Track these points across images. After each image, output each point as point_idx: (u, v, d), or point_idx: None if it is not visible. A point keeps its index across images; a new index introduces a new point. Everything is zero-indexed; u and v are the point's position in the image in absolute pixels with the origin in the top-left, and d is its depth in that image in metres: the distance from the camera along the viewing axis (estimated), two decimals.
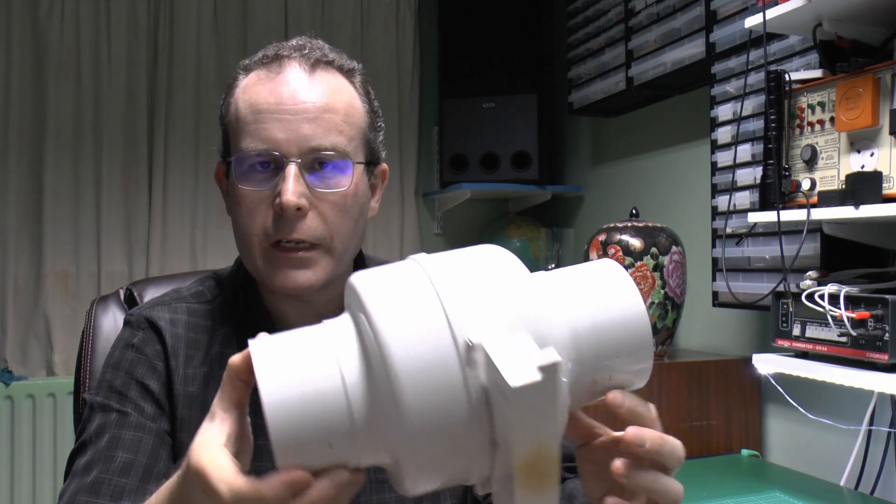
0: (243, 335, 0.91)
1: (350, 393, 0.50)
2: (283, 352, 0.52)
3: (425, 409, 0.48)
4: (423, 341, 0.48)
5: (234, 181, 0.86)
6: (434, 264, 0.54)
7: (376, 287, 0.52)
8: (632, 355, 0.56)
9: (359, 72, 0.92)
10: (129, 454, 0.82)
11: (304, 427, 0.50)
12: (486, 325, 0.49)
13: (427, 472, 0.50)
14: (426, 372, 0.48)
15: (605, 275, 0.58)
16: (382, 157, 0.95)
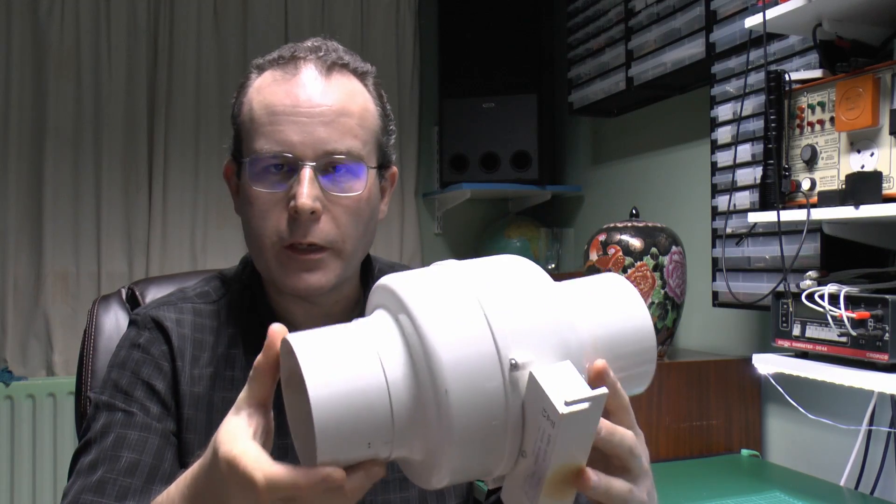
0: (249, 335, 0.91)
1: (392, 391, 0.52)
2: (327, 347, 0.53)
3: (468, 415, 0.50)
4: (468, 349, 0.51)
5: (247, 182, 0.86)
6: (468, 272, 0.57)
7: (417, 290, 0.55)
8: (639, 361, 0.63)
9: (372, 74, 0.92)
10: (134, 454, 0.82)
11: (347, 423, 0.51)
12: (526, 339, 0.53)
13: (457, 471, 0.53)
14: (471, 379, 0.50)
15: (614, 288, 0.64)
16: (393, 161, 0.95)
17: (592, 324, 0.60)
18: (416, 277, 0.57)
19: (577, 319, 0.58)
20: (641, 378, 0.64)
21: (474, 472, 0.54)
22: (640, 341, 0.62)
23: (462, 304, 0.53)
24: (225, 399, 0.88)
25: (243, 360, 0.90)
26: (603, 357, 0.59)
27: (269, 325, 0.90)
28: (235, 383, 0.89)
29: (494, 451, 0.52)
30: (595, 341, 0.59)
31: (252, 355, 0.90)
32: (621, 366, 0.61)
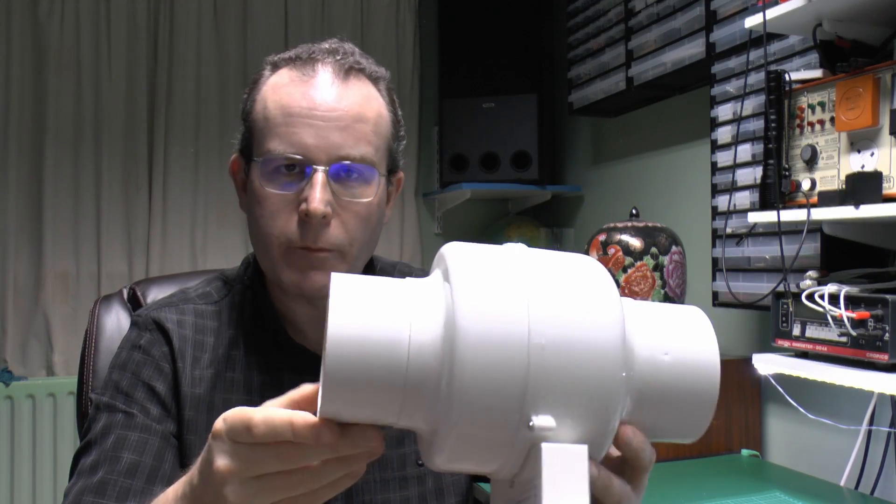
0: (250, 336, 0.91)
1: (413, 351, 0.50)
2: (364, 294, 0.52)
3: (477, 392, 0.48)
4: (497, 326, 0.49)
5: (258, 181, 0.85)
6: (534, 257, 0.54)
7: (467, 260, 0.52)
8: (694, 407, 0.56)
9: (385, 79, 0.91)
10: (134, 455, 0.82)
11: (359, 367, 0.50)
12: (562, 337, 0.50)
13: (459, 452, 0.50)
14: (490, 357, 0.48)
15: (690, 319, 0.58)
16: (401, 166, 0.95)
17: (655, 345, 0.55)
18: (474, 249, 0.54)
19: (638, 334, 0.54)
20: (691, 427, 0.57)
21: (479, 458, 0.52)
22: (701, 383, 0.55)
23: (509, 284, 0.51)
24: (225, 400, 0.88)
25: (243, 361, 0.90)
26: (655, 381, 0.54)
27: (270, 327, 0.90)
28: (235, 384, 0.89)
29: (502, 439, 0.50)
30: (652, 364, 0.55)
31: (252, 356, 0.91)
32: (671, 401, 0.55)
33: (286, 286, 0.87)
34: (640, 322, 0.56)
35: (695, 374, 0.56)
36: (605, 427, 0.51)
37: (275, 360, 0.91)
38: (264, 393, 0.89)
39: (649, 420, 0.55)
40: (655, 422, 0.56)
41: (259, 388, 0.89)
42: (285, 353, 0.91)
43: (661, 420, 0.56)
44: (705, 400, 0.56)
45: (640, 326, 0.55)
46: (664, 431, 0.57)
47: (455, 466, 0.52)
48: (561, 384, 0.49)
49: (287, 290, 0.88)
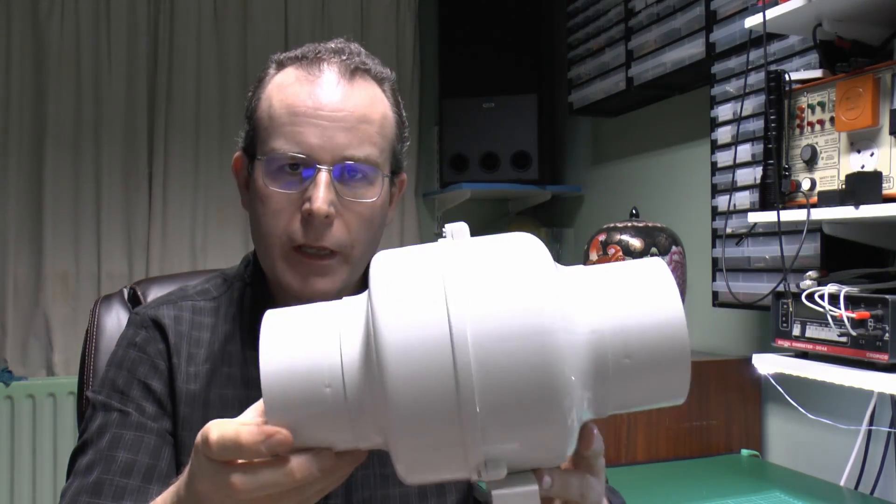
0: (246, 332, 0.91)
1: (346, 372, 0.49)
2: (292, 323, 0.51)
3: (409, 400, 0.46)
4: (418, 332, 0.46)
5: (261, 179, 0.85)
6: (456, 250, 0.51)
7: (388, 269, 0.50)
8: (663, 367, 0.50)
9: (390, 80, 0.92)
10: (130, 454, 0.82)
11: (296, 399, 0.48)
12: (486, 329, 0.46)
13: (415, 463, 0.49)
14: (416, 364, 0.46)
15: (643, 274, 0.52)
16: (404, 167, 0.95)
17: (600, 313, 0.49)
18: (396, 255, 0.52)
19: (579, 304, 0.49)
20: (668, 390, 0.51)
21: (438, 465, 0.49)
22: (664, 340, 0.49)
23: (427, 285, 0.47)
24: (221, 396, 0.88)
25: (240, 357, 0.90)
26: (609, 353, 0.49)
27: None
28: (231, 379, 0.89)
29: (450, 443, 0.47)
30: (599, 335, 0.49)
31: (249, 350, 0.90)
32: (637, 369, 0.49)
33: (286, 288, 0.87)
34: (586, 295, 0.50)
35: (658, 340, 0.49)
36: (561, 434, 0.48)
37: None
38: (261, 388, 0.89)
39: (619, 399, 0.51)
40: (627, 399, 0.51)
41: (257, 383, 0.89)
42: None
43: (634, 395, 0.51)
44: (677, 362, 0.50)
45: (588, 301, 0.50)
46: (640, 403, 0.52)
47: (422, 479, 0.51)
48: (495, 383, 0.45)
49: (287, 292, 0.88)
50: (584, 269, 0.53)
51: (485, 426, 0.46)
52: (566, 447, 0.49)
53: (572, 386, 0.47)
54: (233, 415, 0.87)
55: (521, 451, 0.48)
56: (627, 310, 0.50)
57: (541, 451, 0.48)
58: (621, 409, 0.52)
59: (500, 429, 0.46)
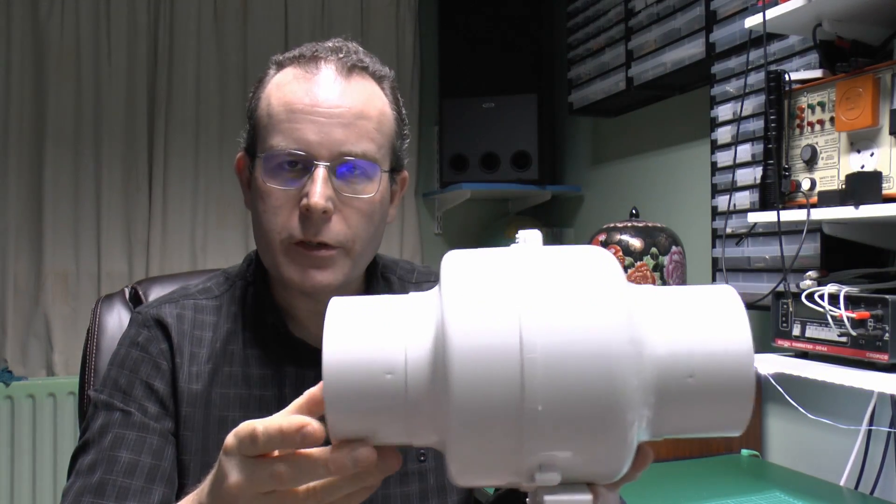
0: (248, 331, 0.92)
1: (410, 363, 0.49)
2: (358, 310, 0.51)
3: (473, 406, 0.46)
4: (487, 338, 0.46)
5: (261, 177, 0.86)
6: (531, 258, 0.50)
7: (461, 269, 0.50)
8: (726, 394, 0.50)
9: (389, 78, 0.92)
10: (132, 454, 0.82)
11: (357, 393, 0.49)
12: (556, 341, 0.46)
13: (471, 464, 0.49)
14: (482, 371, 0.46)
15: (715, 300, 0.52)
16: (405, 165, 0.95)
17: (669, 335, 0.49)
18: (470, 256, 0.51)
19: (649, 324, 0.49)
20: (727, 421, 0.51)
21: (488, 481, 0.50)
22: (729, 370, 0.49)
23: (501, 292, 0.47)
24: (222, 395, 0.88)
25: (241, 355, 0.90)
26: (674, 375, 0.49)
27: (271, 321, 0.90)
28: (233, 378, 0.89)
29: (505, 471, 0.47)
30: (670, 355, 0.49)
31: (251, 349, 0.91)
32: (698, 394, 0.49)
33: (287, 283, 0.87)
34: (656, 314, 0.50)
35: (724, 366, 0.49)
36: (620, 452, 0.48)
37: (275, 353, 0.91)
38: (264, 386, 0.89)
39: (677, 422, 0.51)
40: (686, 423, 0.51)
41: (259, 382, 0.90)
42: (286, 347, 0.91)
43: (693, 420, 0.51)
44: (740, 392, 0.50)
45: (657, 319, 0.50)
46: (697, 429, 0.52)
47: (472, 482, 0.50)
48: (561, 397, 0.46)
49: (288, 287, 0.88)
50: (655, 290, 0.53)
51: (545, 432, 0.46)
52: (623, 464, 0.49)
53: (636, 401, 0.47)
54: (234, 414, 0.88)
55: (576, 462, 0.48)
56: (696, 333, 0.50)
57: (597, 464, 0.48)
58: (677, 432, 0.52)
59: (560, 437, 0.46)
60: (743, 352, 0.50)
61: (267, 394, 0.89)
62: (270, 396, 0.89)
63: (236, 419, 0.88)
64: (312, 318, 0.92)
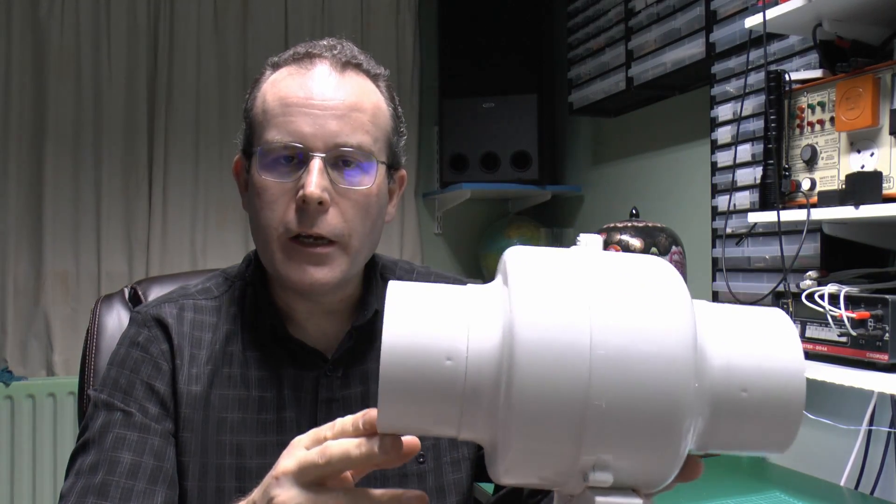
0: (248, 332, 0.92)
1: (470, 359, 0.48)
2: (420, 296, 0.51)
3: (536, 402, 0.46)
4: (557, 334, 0.46)
5: (257, 171, 0.86)
6: (599, 261, 0.51)
7: (528, 263, 0.50)
8: (776, 412, 0.51)
9: (384, 77, 0.93)
10: (135, 456, 0.82)
11: (414, 377, 0.48)
12: (624, 342, 0.47)
13: (518, 467, 0.49)
14: (549, 367, 0.46)
15: (770, 320, 0.53)
16: (403, 163, 0.96)
17: (731, 351, 0.50)
18: (536, 253, 0.51)
19: (712, 338, 0.50)
20: (774, 441, 0.52)
21: (534, 479, 0.50)
22: (784, 392, 0.50)
23: (570, 291, 0.48)
24: (221, 397, 0.88)
25: (241, 357, 0.90)
26: (731, 389, 0.50)
27: (270, 322, 0.90)
28: (232, 380, 0.89)
29: (559, 454, 0.47)
30: (727, 370, 0.50)
31: (250, 351, 0.91)
32: (751, 411, 0.50)
33: (285, 280, 0.87)
34: (714, 328, 0.51)
35: (777, 384, 0.50)
36: (671, 460, 0.48)
37: (274, 355, 0.91)
38: (263, 388, 0.89)
39: (725, 437, 0.51)
40: (733, 438, 0.52)
41: (258, 384, 0.89)
42: (285, 349, 0.91)
43: (740, 436, 0.52)
44: (790, 412, 0.51)
45: (715, 332, 0.51)
46: (742, 446, 0.53)
47: (516, 481, 0.51)
48: (624, 400, 0.46)
49: (286, 285, 0.88)
50: (711, 305, 0.54)
51: (606, 430, 0.47)
52: (672, 471, 0.49)
53: (693, 409, 0.48)
54: (233, 415, 0.88)
55: (629, 465, 0.48)
56: (753, 349, 0.51)
57: (647, 469, 0.49)
58: (724, 448, 0.53)
59: (619, 437, 0.47)
60: (796, 373, 0.51)
61: (266, 395, 0.89)
62: (269, 398, 0.89)
63: (235, 420, 0.88)
64: (310, 318, 0.92)
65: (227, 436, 0.87)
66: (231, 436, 0.87)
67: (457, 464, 0.96)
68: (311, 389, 0.90)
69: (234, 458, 0.87)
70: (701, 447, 0.52)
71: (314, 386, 0.90)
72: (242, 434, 0.87)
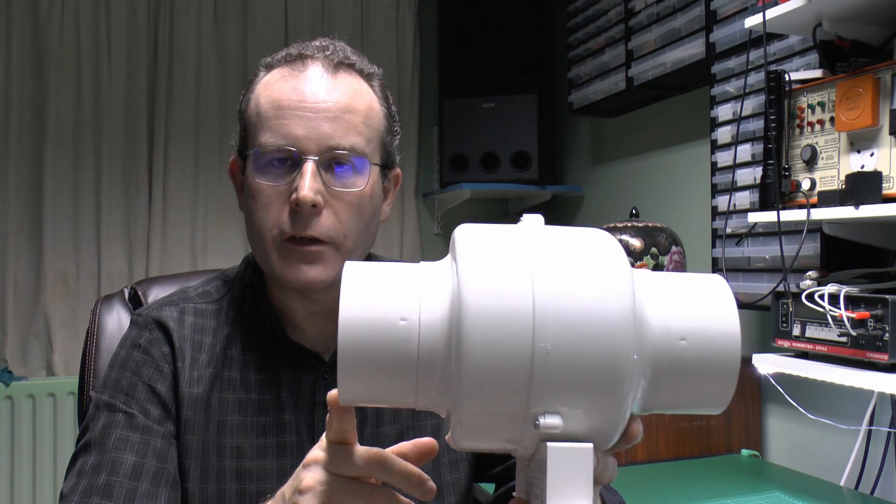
0: (248, 335, 0.92)
1: (422, 328, 0.51)
2: (371, 276, 0.53)
3: (484, 366, 0.48)
4: (501, 300, 0.48)
5: (251, 175, 0.86)
6: (540, 232, 0.53)
7: (474, 238, 0.52)
8: (713, 371, 0.54)
9: (378, 76, 0.93)
10: (138, 457, 0.82)
11: (371, 351, 0.50)
12: (566, 306, 0.49)
13: (473, 430, 0.51)
14: (495, 332, 0.48)
15: (707, 286, 0.57)
16: (397, 162, 0.96)
17: (668, 312, 0.53)
18: (483, 229, 0.54)
19: (650, 302, 0.53)
20: (714, 397, 0.55)
21: (494, 435, 0.52)
22: (720, 349, 0.54)
23: (514, 260, 0.50)
24: (221, 399, 0.88)
25: (241, 360, 0.91)
26: (670, 349, 0.53)
27: (269, 325, 0.90)
28: (232, 383, 0.89)
29: (509, 430, 0.50)
30: (665, 330, 0.53)
31: (250, 354, 0.91)
32: (690, 370, 0.53)
33: (280, 280, 0.87)
34: (653, 293, 0.54)
35: (713, 345, 0.54)
36: (617, 416, 0.50)
37: (272, 358, 0.91)
38: (262, 391, 0.89)
39: (667, 396, 0.54)
40: (674, 397, 0.54)
41: (256, 386, 0.90)
42: (283, 352, 0.91)
43: (681, 395, 0.54)
44: (726, 371, 0.54)
45: (654, 298, 0.54)
46: (684, 405, 0.56)
47: (473, 445, 0.52)
48: (568, 360, 0.49)
49: (282, 284, 0.88)
50: (651, 273, 0.57)
51: (551, 388, 0.49)
52: (618, 425, 0.52)
53: (634, 367, 0.50)
54: (233, 418, 0.88)
55: (576, 418, 0.50)
56: (690, 311, 0.54)
57: (594, 426, 0.51)
58: (667, 407, 0.55)
59: (564, 396, 0.49)
60: (731, 329, 0.54)
61: (265, 398, 0.89)
62: (268, 401, 0.89)
63: (235, 423, 0.88)
64: (308, 320, 0.92)
65: (228, 438, 0.87)
66: (231, 438, 0.87)
67: (455, 464, 0.96)
68: (309, 392, 0.90)
69: (234, 460, 0.87)
70: (646, 407, 0.55)
71: (311, 388, 0.91)
72: (242, 436, 0.88)
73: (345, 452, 0.58)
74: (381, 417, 0.93)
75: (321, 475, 0.58)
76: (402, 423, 0.94)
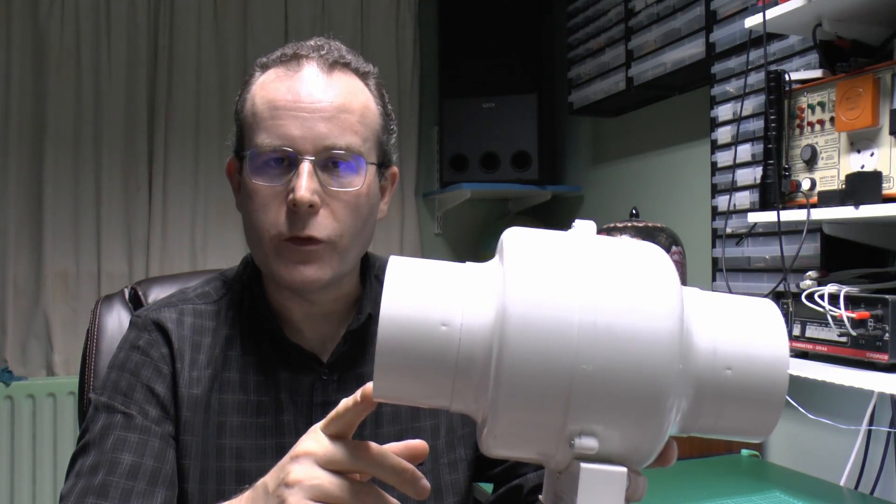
0: (247, 336, 0.92)
1: (464, 332, 0.50)
2: (415, 274, 0.52)
3: (525, 376, 0.47)
4: (547, 313, 0.47)
5: (248, 176, 0.86)
6: (592, 243, 0.52)
7: (524, 243, 0.51)
8: (759, 398, 0.52)
9: (374, 75, 0.92)
10: (135, 457, 0.82)
11: (409, 348, 0.50)
12: (612, 322, 0.48)
13: (507, 439, 0.50)
14: (538, 343, 0.47)
15: (757, 310, 0.55)
16: (394, 160, 0.96)
17: (718, 334, 0.52)
18: (533, 234, 0.53)
19: (700, 321, 0.51)
20: (757, 424, 0.53)
21: (522, 451, 0.51)
22: (768, 376, 0.52)
23: (562, 270, 0.49)
24: (220, 400, 0.88)
25: (240, 361, 0.91)
26: (718, 370, 0.51)
27: (267, 326, 0.90)
28: (231, 384, 0.89)
29: (543, 441, 0.49)
30: (714, 352, 0.51)
31: (249, 355, 0.91)
32: (736, 394, 0.51)
33: (278, 279, 0.87)
34: (703, 313, 0.52)
35: (761, 368, 0.52)
36: (655, 440, 0.49)
37: (271, 359, 0.91)
38: (261, 392, 0.89)
39: (707, 420, 0.53)
40: (714, 422, 0.53)
41: (255, 388, 0.90)
42: (281, 353, 0.91)
43: (722, 421, 0.53)
44: (772, 399, 0.52)
45: (702, 320, 0.52)
46: (724, 430, 0.54)
47: (504, 453, 0.52)
48: (609, 382, 0.47)
49: (279, 284, 0.89)
50: (703, 293, 0.55)
51: (590, 404, 0.48)
52: (655, 447, 0.50)
53: (677, 387, 0.49)
54: (233, 419, 0.88)
55: (613, 438, 0.49)
56: (740, 335, 0.53)
57: (631, 445, 0.50)
58: (707, 431, 0.54)
59: (604, 408, 0.48)
60: (780, 358, 0.53)
61: (264, 399, 0.89)
62: (267, 402, 0.89)
63: (234, 424, 0.88)
64: (307, 321, 0.92)
65: (227, 439, 0.87)
66: (231, 439, 0.87)
67: (454, 465, 0.96)
68: (307, 393, 0.90)
69: (233, 461, 0.87)
70: (685, 429, 0.53)
71: (310, 390, 0.91)
72: (242, 437, 0.88)
73: (341, 446, 0.58)
74: (381, 418, 0.93)
75: (312, 469, 0.57)
76: (402, 423, 0.94)
